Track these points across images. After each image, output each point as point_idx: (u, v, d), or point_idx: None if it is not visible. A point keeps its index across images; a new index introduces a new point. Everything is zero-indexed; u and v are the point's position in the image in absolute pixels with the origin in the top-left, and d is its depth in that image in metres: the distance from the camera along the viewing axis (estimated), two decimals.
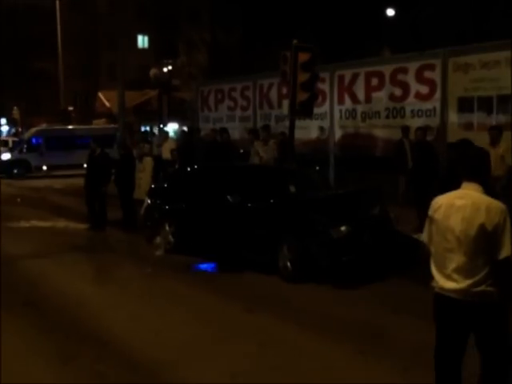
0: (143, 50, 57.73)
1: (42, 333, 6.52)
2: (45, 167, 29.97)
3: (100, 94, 47.70)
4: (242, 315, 6.98)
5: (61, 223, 14.11)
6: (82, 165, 29.11)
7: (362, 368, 5.43)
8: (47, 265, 9.86)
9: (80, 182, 15.32)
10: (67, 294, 8.10)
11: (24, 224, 14.10)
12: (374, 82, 13.92)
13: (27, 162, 29.94)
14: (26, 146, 30.59)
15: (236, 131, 17.06)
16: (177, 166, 13.19)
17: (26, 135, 32.70)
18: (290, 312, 7.07)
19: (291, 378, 5.23)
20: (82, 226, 13.44)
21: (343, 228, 8.22)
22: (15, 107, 48.16)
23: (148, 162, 12.92)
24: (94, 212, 13.11)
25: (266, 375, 5.29)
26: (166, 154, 15.41)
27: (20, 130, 50.31)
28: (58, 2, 37.42)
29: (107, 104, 44.38)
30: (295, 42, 12.22)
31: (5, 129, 58.11)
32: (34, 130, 33.53)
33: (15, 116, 47.98)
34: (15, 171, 29.08)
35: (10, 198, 19.64)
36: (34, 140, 30.83)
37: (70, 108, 41.22)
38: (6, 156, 30.35)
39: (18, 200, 19.17)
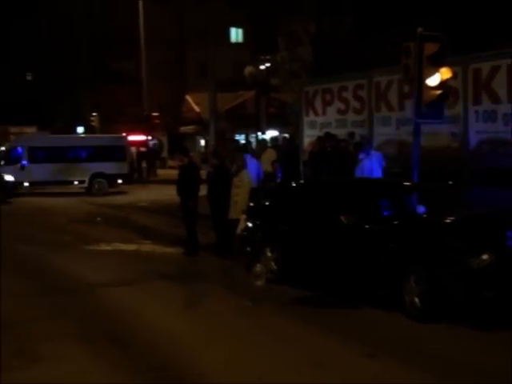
0: (237, 45, 58.68)
1: (129, 374, 6.69)
2: (26, 183, 28.64)
3: (188, 97, 48.96)
4: (362, 361, 6.87)
5: (146, 246, 14.53)
6: (73, 182, 29.85)
7: None
8: (132, 294, 10.15)
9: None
10: (156, 328, 8.29)
11: (105, 247, 14.60)
12: None
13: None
14: (2, 158, 29.34)
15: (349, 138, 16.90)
16: (278, 180, 13.24)
17: (6, 145, 31.29)
18: (420, 358, 6.91)
19: None
20: (170, 250, 13.76)
21: (485, 256, 7.96)
22: (94, 113, 50.13)
23: (245, 175, 13.04)
24: (191, 235, 13.39)
25: None
26: (265, 166, 15.53)
27: None
28: None
29: (196, 108, 45.44)
30: (420, 30, 12.02)
31: None
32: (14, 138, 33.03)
33: (94, 123, 49.94)
34: None
35: (88, 216, 20.47)
36: (13, 151, 29.67)
37: (154, 114, 42.45)
38: None
39: (98, 219, 19.90)
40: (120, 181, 29.88)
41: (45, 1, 71.12)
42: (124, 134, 34.18)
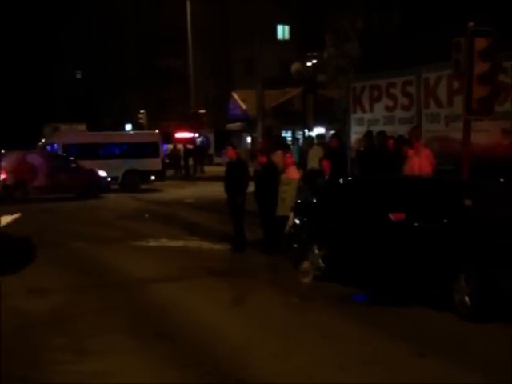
0: (283, 42, 58.65)
1: (177, 368, 6.73)
2: None
3: (234, 95, 49.05)
4: (411, 360, 6.80)
5: (194, 243, 14.62)
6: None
7: None
8: (180, 290, 10.23)
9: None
10: (203, 324, 8.32)
11: (153, 243, 14.74)
12: None
13: None
14: None
15: (396, 136, 16.72)
16: (326, 178, 13.18)
17: (41, 143, 32.15)
18: (471, 359, 6.81)
19: None
20: (217, 246, 13.82)
21: None
22: (142, 111, 50.60)
23: (293, 172, 13.02)
24: (238, 231, 13.43)
25: None
26: (312, 162, 15.49)
27: None
28: None
29: (243, 105, 45.53)
30: (471, 24, 11.83)
31: None
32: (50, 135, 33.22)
33: (142, 121, 50.41)
34: None
35: (136, 213, 20.69)
36: (48, 149, 30.30)
37: (201, 111, 42.67)
38: None
39: (146, 215, 20.09)
40: (153, 177, 30.03)
41: (95, 2, 72.07)
42: (157, 131, 34.34)
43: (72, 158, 27.23)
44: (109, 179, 27.65)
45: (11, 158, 25.50)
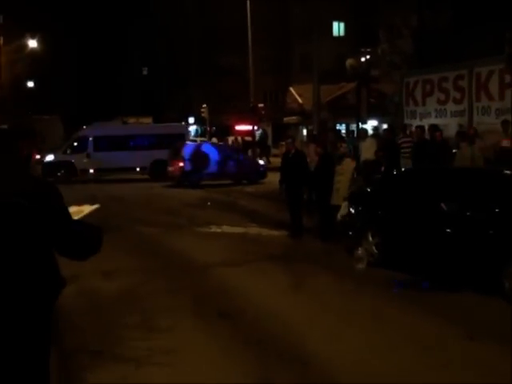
0: (339, 38, 58.21)
1: (238, 346, 6.82)
2: (91, 170, 30.21)
3: (291, 89, 49.03)
4: (462, 343, 6.74)
5: (253, 230, 14.72)
6: (135, 168, 30.36)
7: None
8: (240, 274, 10.31)
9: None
10: (263, 306, 8.39)
11: (215, 229, 14.90)
12: None
13: (72, 164, 30.20)
14: (70, 146, 30.99)
15: (448, 128, 16.51)
16: (383, 169, 13.10)
17: (75, 135, 32.73)
18: None
19: None
20: (276, 233, 13.89)
21: None
22: (204, 105, 51.03)
23: (348, 163, 12.98)
24: (295, 218, 13.46)
25: None
26: (366, 154, 15.40)
27: (208, 129, 53.42)
28: None
29: (299, 100, 45.45)
30: None
31: (193, 127, 62.02)
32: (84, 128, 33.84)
33: (204, 115, 50.85)
34: (58, 174, 28.79)
35: (199, 201, 20.91)
36: (80, 140, 30.93)
37: (261, 105, 42.78)
38: (50, 157, 30.34)
39: (208, 203, 20.29)
40: None
41: (160, 3, 72.80)
42: (183, 123, 34.81)
43: (238, 148, 29.86)
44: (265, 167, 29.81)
45: (188, 148, 27.46)
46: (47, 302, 3.72)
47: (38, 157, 26.12)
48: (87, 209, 4.54)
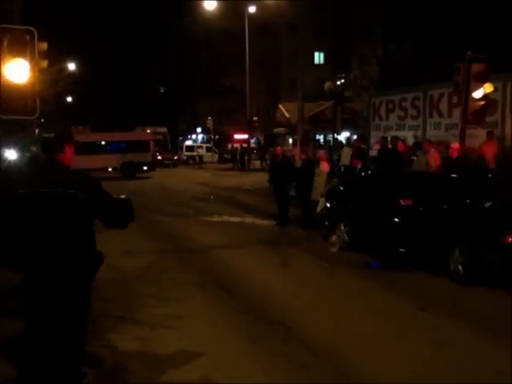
0: (319, 65, 58.21)
1: (234, 313, 6.80)
2: None
3: (280, 106, 48.85)
4: (416, 313, 6.74)
5: (248, 219, 14.66)
6: (107, 168, 29.98)
7: None
8: (237, 255, 10.28)
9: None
10: (255, 281, 8.39)
11: (217, 218, 14.86)
12: None
13: None
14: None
15: (406, 139, 16.51)
16: (357, 171, 13.10)
17: None
18: (463, 313, 6.71)
19: (467, 378, 4.93)
20: (267, 223, 13.87)
21: None
22: (209, 118, 51.01)
23: (324, 166, 12.97)
24: (282, 211, 13.43)
25: (443, 374, 5.04)
26: (345, 160, 15.41)
27: (212, 137, 53.35)
28: (247, 27, 38.94)
29: (286, 114, 45.27)
30: (469, 53, 11.55)
31: (200, 136, 61.92)
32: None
33: (209, 125, 50.86)
34: None
35: (204, 196, 20.88)
36: None
37: (255, 118, 42.72)
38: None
39: (212, 197, 20.24)
40: (145, 167, 31.00)
41: (174, 34, 72.62)
42: (149, 131, 34.58)
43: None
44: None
45: None
46: (92, 273, 3.84)
47: None
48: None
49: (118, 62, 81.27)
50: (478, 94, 11.42)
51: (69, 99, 52.91)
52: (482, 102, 11.56)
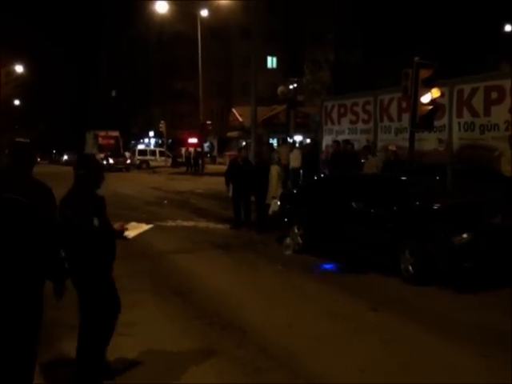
0: (272, 69, 58.68)
1: (188, 318, 6.75)
2: None
3: (234, 110, 49.01)
4: (367, 313, 6.85)
5: (202, 223, 14.57)
6: None
7: (487, 371, 5.13)
8: (191, 259, 10.20)
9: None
10: (209, 285, 8.34)
11: (171, 223, 14.70)
12: (494, 95, 13.14)
13: None
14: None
15: (357, 143, 16.77)
16: (301, 173, 13.17)
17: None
18: (413, 313, 6.85)
19: (417, 376, 5.05)
20: (221, 226, 13.83)
21: (465, 235, 7.83)
22: (162, 121, 50.56)
23: (276, 169, 13.03)
24: (238, 214, 13.39)
25: (393, 372, 5.14)
26: (294, 163, 15.48)
27: (165, 141, 52.91)
28: (199, 30, 38.83)
29: (240, 118, 45.45)
30: (417, 59, 11.84)
31: (153, 140, 61.30)
32: None
33: (162, 129, 50.38)
34: None
35: (157, 200, 20.66)
36: None
37: (208, 122, 42.64)
38: None
39: (165, 202, 20.04)
40: None
41: (125, 36, 71.75)
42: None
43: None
44: None
45: None
46: (42, 280, 3.78)
47: None
48: (145, 227, 4.74)
49: (68, 64, 79.77)
50: (425, 98, 11.71)
51: (16, 102, 51.53)
52: (430, 107, 11.86)
